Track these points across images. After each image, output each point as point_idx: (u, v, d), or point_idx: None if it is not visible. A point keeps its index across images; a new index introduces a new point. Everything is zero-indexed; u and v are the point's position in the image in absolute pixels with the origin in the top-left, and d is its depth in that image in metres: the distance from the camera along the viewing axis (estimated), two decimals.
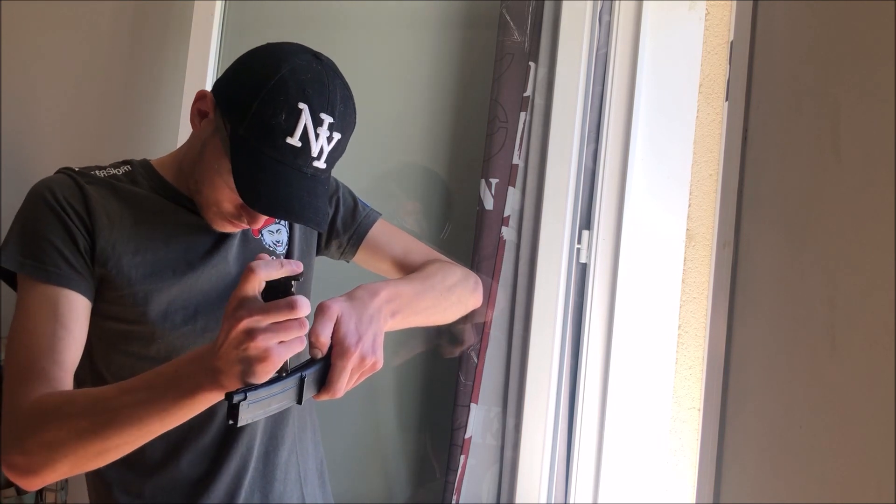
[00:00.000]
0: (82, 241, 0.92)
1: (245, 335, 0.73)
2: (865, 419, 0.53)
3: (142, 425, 0.79)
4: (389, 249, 1.15)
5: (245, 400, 0.74)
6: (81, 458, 0.81)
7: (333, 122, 0.89)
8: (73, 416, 0.81)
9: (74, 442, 0.80)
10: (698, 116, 1.49)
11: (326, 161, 0.91)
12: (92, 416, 0.80)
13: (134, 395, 0.80)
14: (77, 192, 0.94)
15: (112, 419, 0.79)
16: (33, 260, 0.90)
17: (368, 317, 0.86)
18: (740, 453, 0.83)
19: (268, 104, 0.86)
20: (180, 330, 0.96)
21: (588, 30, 1.46)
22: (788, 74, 0.78)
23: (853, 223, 0.58)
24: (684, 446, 1.45)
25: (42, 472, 0.82)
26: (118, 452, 0.82)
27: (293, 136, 0.87)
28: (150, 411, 0.79)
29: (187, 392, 0.77)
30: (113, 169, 1.01)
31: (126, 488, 0.99)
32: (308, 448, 1.12)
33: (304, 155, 0.88)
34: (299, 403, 0.80)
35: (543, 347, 1.42)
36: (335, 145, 0.91)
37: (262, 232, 1.07)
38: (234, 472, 1.01)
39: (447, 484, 1.44)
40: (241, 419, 0.75)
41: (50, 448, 0.81)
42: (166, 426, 0.81)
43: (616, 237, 1.44)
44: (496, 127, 1.48)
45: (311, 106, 0.87)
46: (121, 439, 0.80)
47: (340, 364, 0.82)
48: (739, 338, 0.87)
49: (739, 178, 0.91)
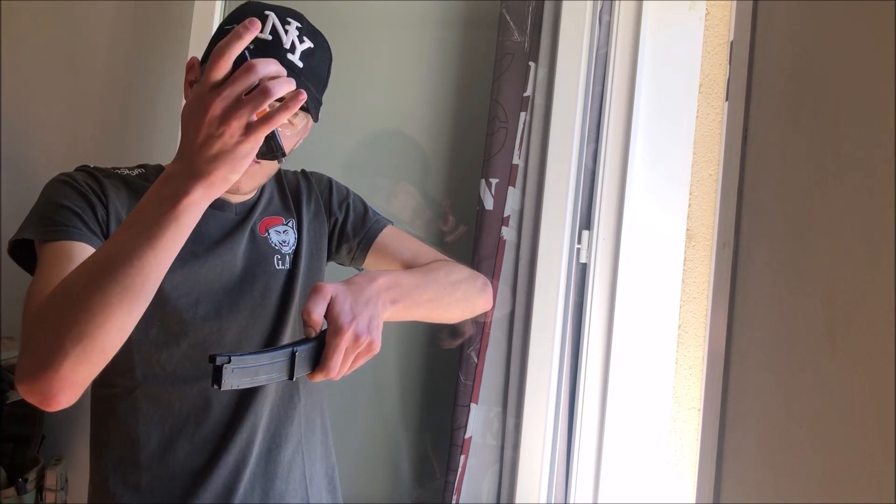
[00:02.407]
0: (100, 210, 0.94)
1: (219, 120, 0.69)
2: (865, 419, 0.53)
3: (138, 263, 0.73)
4: (399, 254, 1.15)
5: (229, 363, 0.74)
6: (90, 328, 0.74)
7: (301, 27, 0.94)
8: (69, 285, 0.76)
9: (76, 308, 0.74)
10: (698, 116, 1.49)
11: (302, 60, 0.94)
12: (88, 274, 0.75)
13: (122, 232, 0.76)
14: (94, 180, 0.97)
15: (107, 265, 0.74)
16: (52, 225, 0.89)
17: (365, 299, 0.86)
18: (740, 453, 0.83)
19: (235, 21, 0.91)
20: (181, 315, 0.97)
21: (588, 30, 1.46)
22: (788, 74, 0.78)
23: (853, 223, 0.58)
24: (684, 446, 1.45)
25: (55, 365, 0.74)
26: (122, 315, 0.75)
27: (263, 32, 0.91)
28: (142, 240, 0.73)
29: (168, 205, 0.73)
30: (127, 170, 1.04)
31: (124, 480, 0.99)
32: (316, 450, 1.11)
33: (277, 45, 0.92)
34: (290, 379, 0.80)
35: (543, 347, 1.42)
36: (308, 50, 0.94)
37: (269, 231, 1.07)
38: (232, 466, 1.01)
39: (447, 484, 1.44)
40: (225, 383, 0.74)
41: (56, 333, 0.74)
42: (160, 258, 0.75)
43: (616, 237, 1.44)
44: (496, 127, 1.48)
45: (276, 13, 0.93)
46: (120, 286, 0.73)
47: (334, 342, 0.81)
48: (739, 338, 0.87)
49: (739, 178, 0.90)
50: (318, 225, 1.13)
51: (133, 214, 0.76)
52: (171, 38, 1.74)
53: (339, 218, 1.15)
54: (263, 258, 1.05)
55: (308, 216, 1.12)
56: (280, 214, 1.09)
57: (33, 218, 0.92)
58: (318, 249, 1.12)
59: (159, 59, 1.75)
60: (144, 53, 1.76)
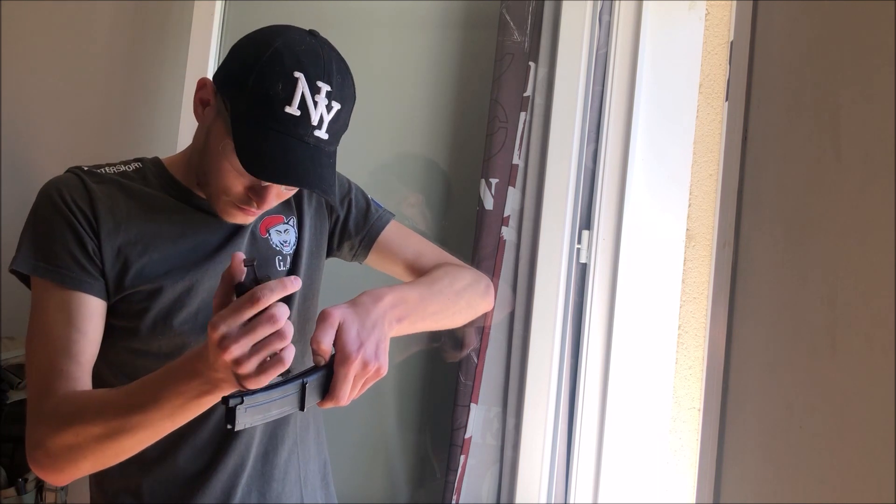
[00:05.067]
0: (90, 243, 0.93)
1: (218, 346, 0.74)
2: (865, 419, 0.53)
3: (153, 428, 0.83)
4: (401, 252, 1.15)
5: (242, 404, 0.74)
6: (101, 458, 0.86)
7: (331, 90, 0.91)
8: (88, 423, 0.84)
9: (92, 446, 0.84)
10: (698, 116, 1.48)
11: (328, 132, 0.92)
12: (104, 422, 0.83)
13: (142, 401, 0.82)
14: (84, 194, 0.95)
15: (123, 425, 0.82)
16: (46, 263, 0.92)
17: (371, 323, 0.86)
18: (740, 453, 0.83)
19: (264, 76, 0.88)
20: (182, 328, 0.96)
21: (588, 30, 1.46)
22: (788, 74, 0.78)
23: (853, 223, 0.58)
24: (684, 446, 1.45)
25: (67, 471, 0.87)
26: (136, 449, 0.86)
27: (291, 105, 0.88)
28: (160, 416, 0.82)
29: (191, 398, 0.80)
30: (123, 166, 1.02)
31: (125, 485, 0.99)
32: (310, 449, 1.12)
33: (305, 123, 0.89)
34: (301, 410, 0.80)
35: (543, 347, 1.42)
36: (335, 116, 0.92)
37: (270, 231, 1.07)
38: (231, 470, 1.01)
39: (447, 484, 1.44)
40: (239, 423, 0.75)
41: (71, 451, 0.85)
42: (177, 424, 0.84)
43: (616, 237, 1.43)
44: (496, 127, 1.48)
45: (307, 74, 0.89)
46: (135, 440, 0.84)
47: (343, 371, 0.82)
48: (739, 338, 0.87)
49: (739, 178, 0.90)
50: (320, 222, 1.12)
51: (157, 385, 0.83)
52: (171, 38, 1.74)
53: (341, 215, 1.14)
54: (265, 262, 1.05)
55: (309, 213, 1.10)
56: (280, 212, 1.08)
57: (31, 246, 0.93)
58: (318, 248, 1.12)
59: (159, 59, 1.75)
60: (144, 53, 1.76)
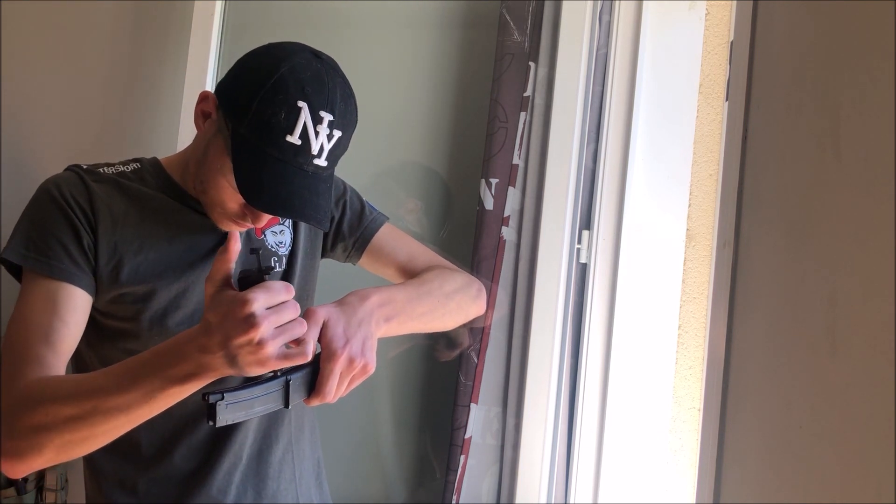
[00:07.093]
0: (86, 238, 0.93)
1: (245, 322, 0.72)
2: (865, 419, 0.53)
3: (129, 412, 0.79)
4: (394, 255, 1.15)
5: (222, 400, 0.74)
6: (67, 444, 0.81)
7: (333, 119, 0.90)
8: (59, 402, 0.80)
9: (60, 427, 0.80)
10: (698, 116, 1.48)
11: (327, 159, 0.91)
12: (77, 402, 0.79)
13: (120, 382, 0.79)
14: (83, 190, 0.95)
15: (98, 406, 0.79)
16: (37, 254, 0.91)
17: (357, 321, 0.87)
18: (740, 453, 0.83)
19: (267, 103, 0.87)
20: (178, 328, 0.97)
21: (588, 30, 1.46)
22: (788, 74, 0.78)
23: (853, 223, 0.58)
24: (684, 446, 1.45)
25: (27, 457, 0.81)
26: (105, 439, 0.81)
27: (293, 135, 0.87)
28: (138, 398, 0.78)
29: (174, 381, 0.77)
30: (122, 166, 1.02)
31: (121, 483, 1.00)
32: (305, 448, 1.12)
33: (305, 153, 0.89)
34: (286, 407, 0.80)
35: (543, 347, 1.42)
36: (336, 143, 0.91)
37: (266, 233, 1.07)
38: (226, 469, 1.01)
39: (447, 484, 1.44)
40: (220, 419, 0.75)
41: (36, 433, 0.80)
42: (153, 412, 0.80)
43: (616, 237, 1.43)
44: (496, 127, 1.48)
45: (310, 104, 0.88)
46: (107, 425, 0.79)
47: (328, 367, 0.82)
48: (739, 338, 0.87)
49: (739, 178, 0.90)
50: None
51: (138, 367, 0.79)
52: (172, 38, 1.74)
53: (336, 216, 1.14)
54: (263, 258, 1.05)
55: None
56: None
57: (21, 238, 0.93)
58: (312, 248, 1.12)
59: (159, 59, 1.75)
60: (144, 53, 1.76)
